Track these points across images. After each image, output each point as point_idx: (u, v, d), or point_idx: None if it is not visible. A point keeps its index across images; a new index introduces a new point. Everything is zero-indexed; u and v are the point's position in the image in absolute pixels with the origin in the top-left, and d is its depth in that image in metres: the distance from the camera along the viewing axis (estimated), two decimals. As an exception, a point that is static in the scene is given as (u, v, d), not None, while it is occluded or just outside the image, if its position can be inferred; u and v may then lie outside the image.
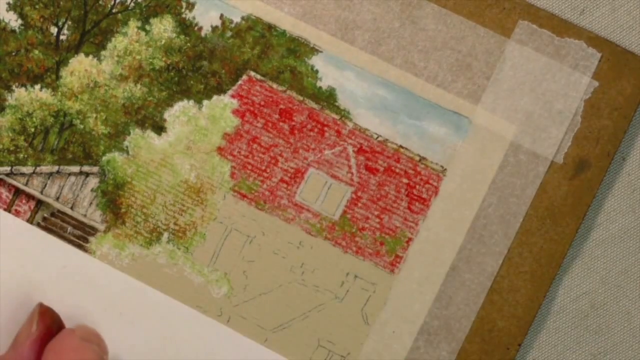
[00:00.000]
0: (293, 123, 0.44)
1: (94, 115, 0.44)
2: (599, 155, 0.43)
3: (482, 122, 0.43)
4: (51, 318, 0.42)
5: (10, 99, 0.44)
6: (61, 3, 0.44)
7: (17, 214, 0.44)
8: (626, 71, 0.43)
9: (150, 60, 0.44)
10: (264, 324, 0.44)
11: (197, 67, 0.44)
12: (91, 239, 0.44)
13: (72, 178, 0.44)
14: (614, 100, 0.43)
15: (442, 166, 0.44)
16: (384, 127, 0.44)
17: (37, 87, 0.44)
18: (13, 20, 0.44)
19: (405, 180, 0.44)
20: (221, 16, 0.44)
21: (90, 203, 0.44)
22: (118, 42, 0.44)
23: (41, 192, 0.44)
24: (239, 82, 0.44)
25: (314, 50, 0.44)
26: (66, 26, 0.44)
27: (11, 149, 0.44)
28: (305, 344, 0.44)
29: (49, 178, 0.44)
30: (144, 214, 0.44)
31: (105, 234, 0.44)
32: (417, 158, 0.44)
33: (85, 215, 0.44)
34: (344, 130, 0.44)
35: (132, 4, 0.44)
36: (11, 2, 0.44)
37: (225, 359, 0.44)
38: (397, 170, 0.44)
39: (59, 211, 0.44)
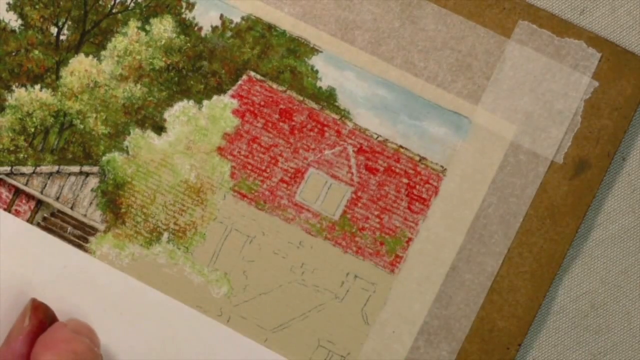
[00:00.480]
0: (293, 123, 0.44)
1: (94, 115, 0.44)
2: (599, 155, 0.43)
3: (482, 122, 0.43)
4: (44, 313, 0.42)
5: (10, 99, 0.44)
6: (61, 3, 0.44)
7: (17, 214, 0.44)
8: (626, 71, 0.43)
9: (150, 60, 0.44)
10: (264, 324, 0.44)
11: (197, 67, 0.44)
12: (91, 239, 0.44)
13: (72, 178, 0.44)
14: (614, 100, 0.43)
15: (442, 166, 0.44)
16: (384, 127, 0.44)
17: (37, 87, 0.44)
18: (13, 20, 0.44)
19: (405, 180, 0.44)
20: (221, 16, 0.44)
21: (90, 203, 0.44)
22: (118, 42, 0.44)
23: (41, 192, 0.44)
24: (239, 82, 0.44)
25: (314, 50, 0.44)
26: (66, 26, 0.44)
27: (11, 149, 0.44)
28: (305, 344, 0.44)
29: (49, 178, 0.44)
30: (144, 214, 0.44)
31: (105, 234, 0.44)
32: (417, 158, 0.44)
33: (85, 215, 0.44)
34: (344, 130, 0.44)
35: (132, 4, 0.44)
36: (11, 2, 0.44)
37: (225, 359, 0.44)
38: (397, 170, 0.44)
39: (59, 211, 0.44)
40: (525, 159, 0.43)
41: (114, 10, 0.44)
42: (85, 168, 0.44)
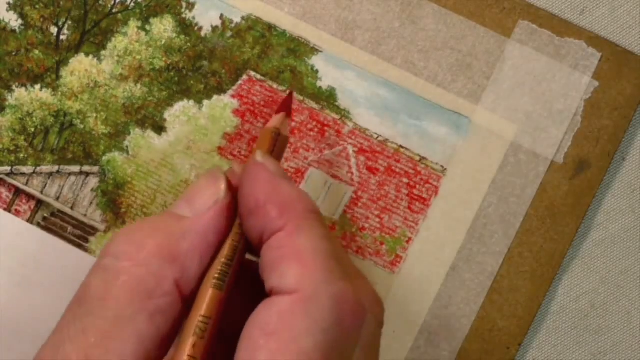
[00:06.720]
0: (293, 123, 0.44)
1: (94, 115, 0.44)
2: (599, 155, 0.43)
3: (482, 122, 0.43)
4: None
5: (11, 99, 0.44)
6: (61, 3, 0.44)
7: (17, 214, 0.44)
8: (626, 71, 0.43)
9: (151, 60, 0.44)
10: (264, 324, 0.44)
11: (197, 67, 0.44)
12: (91, 239, 0.44)
13: (72, 178, 0.44)
14: (614, 100, 0.43)
15: (442, 166, 0.44)
16: (384, 127, 0.44)
17: (37, 87, 0.44)
18: (13, 20, 0.44)
19: (405, 180, 0.44)
20: (221, 16, 0.44)
21: (91, 203, 0.44)
22: (118, 42, 0.44)
23: (41, 192, 0.44)
24: (239, 82, 0.44)
25: (314, 50, 0.44)
26: (66, 26, 0.44)
27: (11, 148, 0.44)
28: (305, 344, 0.44)
29: (49, 178, 0.44)
30: (144, 214, 0.44)
31: (106, 233, 0.44)
32: (418, 158, 0.44)
33: (85, 215, 0.44)
34: (344, 130, 0.44)
35: (132, 4, 0.44)
36: (11, 2, 0.44)
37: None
38: (398, 170, 0.44)
39: (59, 211, 0.44)
40: (525, 158, 0.43)
41: (114, 10, 0.44)
42: (86, 168, 0.44)
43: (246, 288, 0.32)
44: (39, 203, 0.45)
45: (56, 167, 0.44)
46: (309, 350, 0.27)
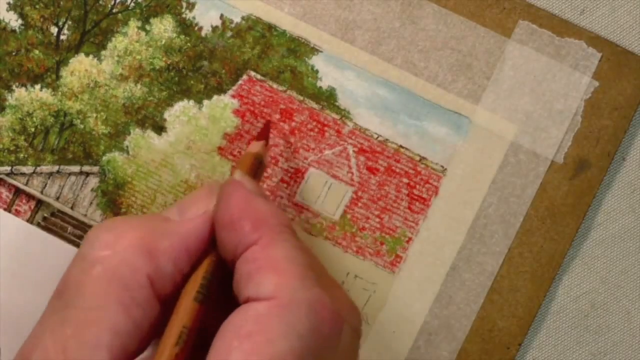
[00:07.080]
0: (293, 123, 0.44)
1: (94, 115, 0.44)
2: (599, 155, 0.43)
3: (482, 122, 0.43)
4: None
5: (11, 99, 0.44)
6: (61, 3, 0.44)
7: (17, 214, 0.44)
8: (626, 71, 0.43)
9: (151, 60, 0.44)
10: (264, 324, 0.44)
11: (197, 67, 0.44)
12: (91, 238, 0.44)
13: (72, 178, 0.44)
14: (614, 100, 0.43)
15: (442, 166, 0.44)
16: (384, 127, 0.44)
17: (37, 87, 0.44)
18: (13, 20, 0.44)
19: (405, 180, 0.44)
20: (221, 16, 0.44)
21: (91, 203, 0.44)
22: (118, 42, 0.44)
23: (41, 192, 0.44)
24: (239, 82, 0.44)
25: (314, 50, 0.44)
26: (66, 26, 0.44)
27: (11, 148, 0.44)
28: (305, 344, 0.44)
29: (49, 178, 0.44)
30: (145, 214, 0.44)
31: (106, 233, 0.44)
32: (418, 158, 0.44)
33: (85, 215, 0.44)
34: (344, 130, 0.44)
35: (132, 4, 0.44)
36: (11, 2, 0.44)
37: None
38: (398, 170, 0.44)
39: (59, 211, 0.44)
40: (525, 158, 0.43)
41: (114, 10, 0.44)
42: (86, 168, 0.44)
43: (219, 299, 0.32)
44: (39, 203, 0.45)
45: (56, 167, 0.44)
46: (284, 354, 0.27)
